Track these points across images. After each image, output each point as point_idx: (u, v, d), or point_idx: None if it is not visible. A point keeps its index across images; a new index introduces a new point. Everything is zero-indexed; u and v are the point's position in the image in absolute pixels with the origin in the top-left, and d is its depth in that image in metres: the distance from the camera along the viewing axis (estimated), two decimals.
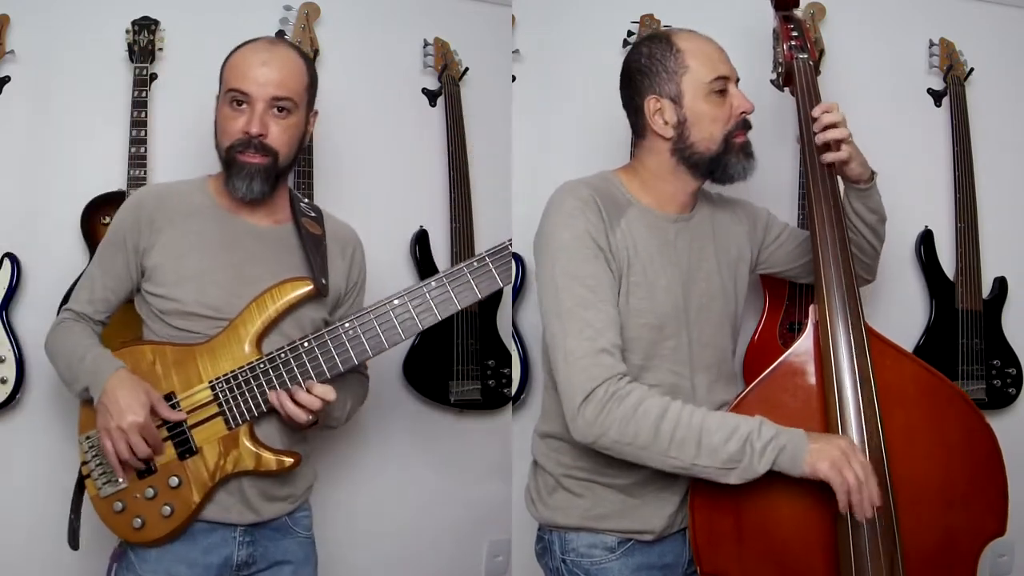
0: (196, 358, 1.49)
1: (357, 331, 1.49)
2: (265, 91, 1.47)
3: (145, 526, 1.47)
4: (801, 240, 1.71)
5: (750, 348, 2.11)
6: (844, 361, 1.38)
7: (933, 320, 2.23)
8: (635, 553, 1.47)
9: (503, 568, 2.43)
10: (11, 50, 1.95)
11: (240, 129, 1.48)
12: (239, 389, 1.48)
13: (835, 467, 1.27)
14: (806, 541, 1.37)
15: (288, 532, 1.61)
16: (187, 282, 1.49)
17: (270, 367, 1.48)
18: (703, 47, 1.48)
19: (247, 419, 1.48)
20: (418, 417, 2.32)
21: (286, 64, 1.51)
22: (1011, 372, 2.25)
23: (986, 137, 2.31)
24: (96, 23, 2.02)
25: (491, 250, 1.52)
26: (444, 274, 1.50)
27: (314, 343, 1.48)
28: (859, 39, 2.24)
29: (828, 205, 1.48)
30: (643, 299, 1.44)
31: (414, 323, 1.49)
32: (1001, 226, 2.32)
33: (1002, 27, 2.36)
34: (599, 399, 1.33)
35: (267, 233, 1.57)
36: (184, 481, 1.47)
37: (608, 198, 1.46)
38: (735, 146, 1.48)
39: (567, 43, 2.16)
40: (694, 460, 1.31)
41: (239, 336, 1.49)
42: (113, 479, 1.48)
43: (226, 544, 1.53)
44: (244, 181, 1.49)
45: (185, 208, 1.54)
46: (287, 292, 1.51)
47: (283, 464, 1.50)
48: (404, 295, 1.49)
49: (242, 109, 1.48)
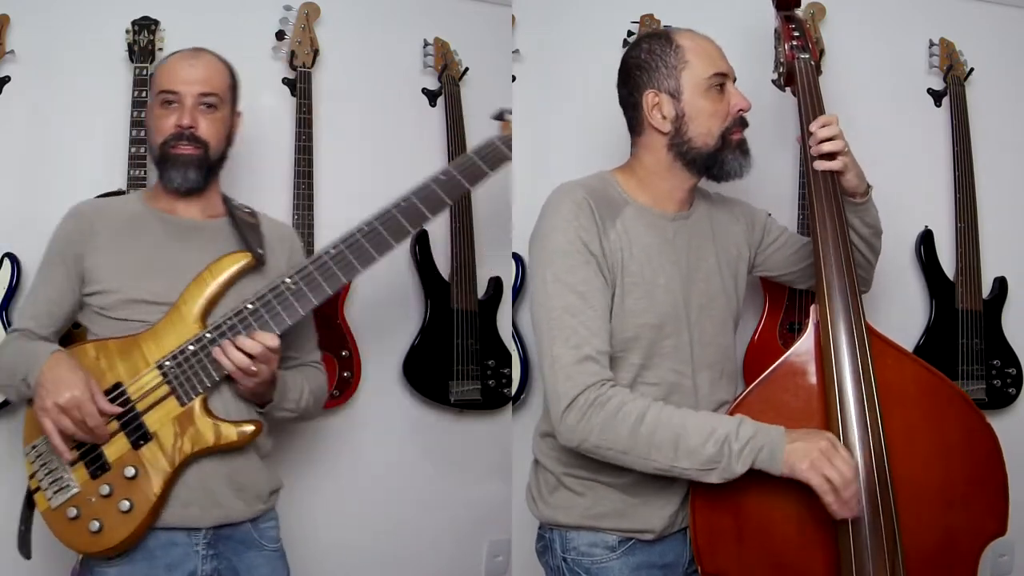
0: (140, 345, 1.47)
1: (299, 284, 1.51)
2: (193, 88, 1.55)
3: (103, 529, 1.41)
4: (799, 246, 1.71)
5: (750, 348, 2.11)
6: (845, 361, 1.38)
7: (933, 320, 2.23)
8: (636, 552, 1.47)
9: (503, 568, 2.43)
10: (11, 50, 1.95)
11: (172, 125, 1.55)
12: (187, 363, 1.46)
13: (814, 468, 1.27)
14: (807, 541, 1.37)
15: (253, 544, 1.57)
16: (125, 271, 1.52)
17: (217, 335, 1.47)
18: (702, 44, 1.49)
19: (199, 391, 1.46)
20: (418, 417, 2.32)
21: (210, 64, 1.60)
22: (1011, 372, 2.25)
23: (986, 137, 2.31)
24: (96, 23, 2.02)
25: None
26: (371, 220, 1.59)
27: (258, 303, 1.49)
28: (859, 39, 2.24)
29: (829, 205, 1.47)
30: (641, 299, 1.44)
31: (352, 267, 1.54)
32: (1001, 226, 2.32)
33: (1002, 27, 2.37)
34: (580, 406, 1.34)
35: (203, 226, 1.61)
36: (141, 471, 1.43)
37: (603, 199, 1.46)
38: (732, 143, 1.49)
39: (567, 43, 2.16)
40: (673, 463, 1.32)
41: (182, 315, 1.49)
42: (64, 486, 1.43)
43: (189, 558, 1.49)
44: (179, 171, 1.55)
45: (122, 215, 1.59)
46: (226, 266, 1.53)
47: (244, 433, 1.48)
48: (340, 243, 1.55)
49: (172, 108, 1.55)
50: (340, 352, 2.15)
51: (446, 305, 2.27)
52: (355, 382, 2.17)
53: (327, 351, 2.13)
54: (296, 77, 2.14)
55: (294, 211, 2.11)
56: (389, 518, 2.32)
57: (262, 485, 1.59)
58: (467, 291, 2.28)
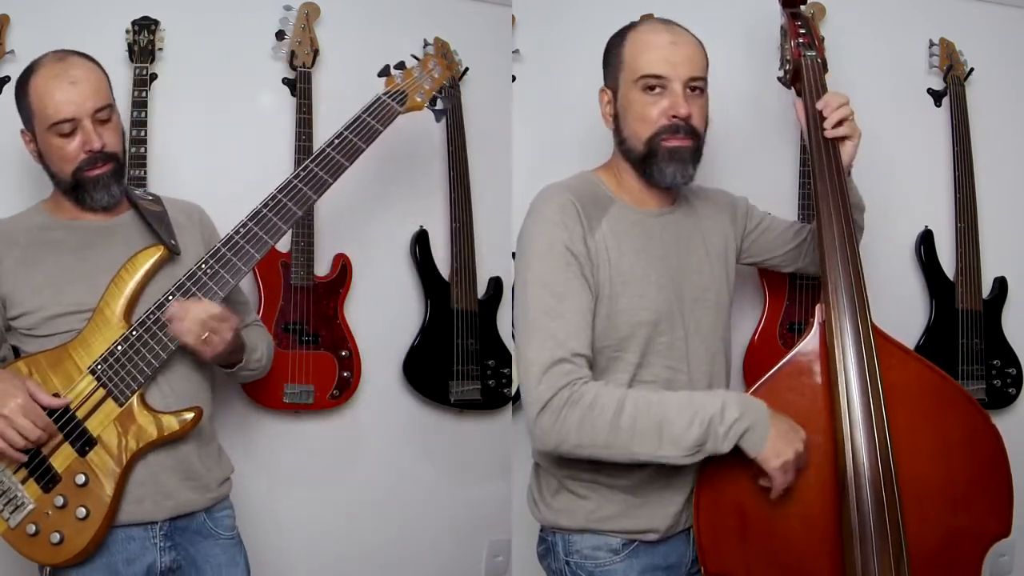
0: (71, 353, 1.48)
1: (215, 267, 1.52)
2: (85, 108, 1.50)
3: (64, 540, 1.43)
4: (783, 228, 1.71)
5: (750, 348, 2.11)
6: (851, 360, 1.38)
7: (933, 320, 2.23)
8: (639, 554, 1.47)
9: (503, 568, 2.43)
10: (11, 50, 1.95)
11: (78, 150, 1.51)
12: (118, 363, 1.47)
13: (783, 468, 1.30)
14: (811, 541, 1.37)
15: (209, 534, 1.60)
16: (44, 289, 1.50)
17: (143, 331, 1.48)
18: (648, 41, 1.45)
19: (134, 389, 1.47)
20: (418, 417, 2.32)
21: (89, 74, 1.53)
22: (1011, 372, 2.25)
23: (986, 137, 2.31)
24: (96, 23, 2.01)
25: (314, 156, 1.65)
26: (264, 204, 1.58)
27: (177, 294, 1.50)
28: (859, 39, 2.24)
29: (836, 204, 1.47)
30: (634, 296, 1.44)
31: (263, 241, 1.54)
32: (1001, 226, 2.32)
33: (1002, 27, 2.37)
34: (554, 407, 1.33)
35: (112, 226, 1.59)
36: (91, 477, 1.45)
37: (590, 199, 1.46)
38: (662, 150, 1.44)
39: (567, 43, 2.16)
40: (658, 451, 1.32)
41: (106, 318, 1.49)
42: (20, 504, 1.44)
43: (147, 551, 1.52)
44: (102, 192, 1.54)
45: (23, 231, 1.56)
46: (141, 262, 1.53)
47: (185, 421, 1.50)
48: (247, 219, 1.56)
49: (71, 135, 1.50)
50: (340, 352, 2.15)
51: (446, 305, 2.27)
52: (355, 382, 2.17)
53: (327, 351, 2.13)
54: (296, 77, 2.14)
55: None
56: (389, 518, 2.32)
57: (212, 472, 1.61)
58: (467, 291, 2.28)
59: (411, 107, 1.81)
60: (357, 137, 1.68)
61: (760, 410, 1.32)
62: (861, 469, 1.33)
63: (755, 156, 2.14)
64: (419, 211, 2.30)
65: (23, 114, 1.55)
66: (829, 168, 1.50)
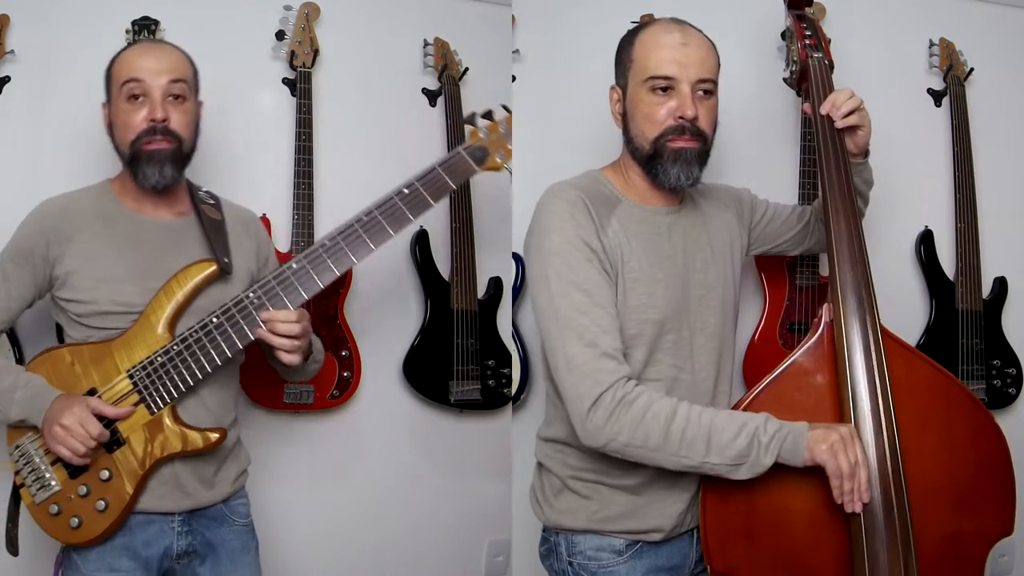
0: (112, 352, 1.51)
1: (262, 299, 1.52)
2: (160, 78, 1.52)
3: (82, 525, 1.49)
4: (787, 214, 1.73)
5: (750, 348, 2.11)
6: (859, 360, 1.38)
7: (933, 320, 2.23)
8: (643, 555, 1.47)
9: (503, 568, 2.43)
10: (11, 50, 1.95)
11: (142, 119, 1.52)
12: (156, 373, 1.50)
13: (831, 450, 1.28)
14: (818, 540, 1.37)
15: (225, 520, 1.64)
16: (101, 284, 1.52)
17: (183, 347, 1.50)
18: (658, 41, 1.45)
19: (167, 401, 1.50)
20: (418, 417, 2.32)
21: (172, 53, 1.59)
22: (1011, 372, 2.25)
23: (986, 137, 2.31)
24: (96, 23, 2.01)
25: (379, 202, 1.60)
26: (337, 232, 1.57)
27: (222, 317, 1.51)
28: (859, 39, 2.24)
29: (843, 203, 1.47)
30: (643, 295, 1.44)
31: (314, 283, 1.54)
32: (1001, 226, 2.32)
33: (1002, 27, 2.37)
34: (607, 405, 1.33)
35: (171, 226, 1.61)
36: (114, 473, 1.49)
37: (598, 197, 1.46)
38: (667, 151, 1.44)
39: (567, 43, 2.16)
40: (704, 458, 1.32)
41: (151, 324, 1.51)
42: (46, 484, 1.50)
43: (165, 535, 1.56)
44: (155, 168, 1.53)
45: (91, 212, 1.57)
46: (192, 275, 1.54)
47: (208, 440, 1.53)
48: (302, 258, 1.55)
49: (139, 102, 1.53)
50: (340, 352, 2.15)
51: (446, 305, 2.27)
52: (355, 382, 2.17)
53: (327, 351, 2.13)
54: (296, 77, 2.14)
55: (294, 211, 2.11)
56: (389, 518, 2.32)
57: (230, 471, 1.64)
58: (467, 291, 2.28)
59: (490, 167, 1.71)
60: (428, 190, 1.62)
61: (800, 424, 1.32)
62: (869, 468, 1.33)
63: (756, 156, 2.13)
64: None
65: (107, 84, 1.58)
66: (837, 169, 1.50)
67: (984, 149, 2.30)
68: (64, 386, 1.50)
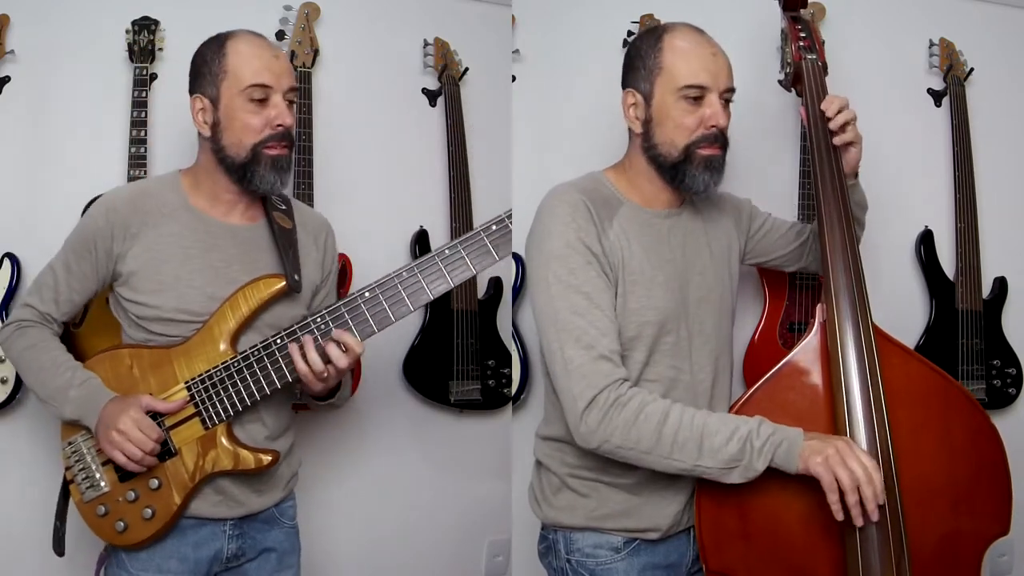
0: (172, 360, 1.49)
1: (329, 325, 1.48)
2: (284, 81, 1.49)
3: (128, 529, 1.48)
4: (786, 229, 1.73)
5: (750, 348, 2.11)
6: (852, 361, 1.38)
7: (933, 320, 2.23)
8: (640, 553, 1.47)
9: (503, 568, 2.43)
10: (11, 50, 1.95)
11: (265, 125, 1.48)
12: (214, 389, 1.48)
13: (826, 464, 1.26)
14: (813, 540, 1.37)
15: (275, 523, 1.63)
16: (166, 289, 1.49)
17: (243, 365, 1.47)
18: (689, 50, 1.45)
19: (223, 419, 1.48)
20: (418, 417, 2.32)
21: (282, 53, 1.56)
22: (1011, 372, 2.25)
23: (986, 137, 2.31)
24: (96, 23, 2.02)
25: (465, 238, 1.51)
26: (416, 262, 1.49)
27: (287, 339, 1.48)
28: (859, 39, 2.24)
29: (836, 205, 1.47)
30: (642, 297, 1.44)
31: (386, 316, 1.48)
32: (1001, 226, 2.32)
33: (1002, 27, 2.37)
34: (601, 406, 1.34)
35: (241, 232, 1.56)
36: (164, 483, 1.48)
37: (599, 199, 1.46)
38: (696, 157, 1.45)
39: (567, 43, 2.16)
40: (696, 462, 1.32)
41: (213, 336, 1.49)
42: (95, 484, 1.49)
43: (216, 538, 1.54)
44: (276, 174, 1.49)
45: (159, 210, 1.52)
46: (260, 290, 1.51)
47: (261, 462, 1.50)
48: (375, 286, 1.48)
49: (263, 103, 1.48)
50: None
51: (446, 305, 2.27)
52: (355, 382, 2.17)
53: None
54: (296, 77, 2.14)
55: None
56: (389, 518, 2.32)
57: (282, 478, 1.63)
58: (467, 291, 2.28)
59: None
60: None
61: (796, 430, 1.31)
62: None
63: (755, 157, 2.13)
64: (419, 211, 2.30)
65: (205, 77, 1.51)
66: (830, 169, 1.51)
67: (984, 149, 2.30)
68: (121, 388, 1.48)
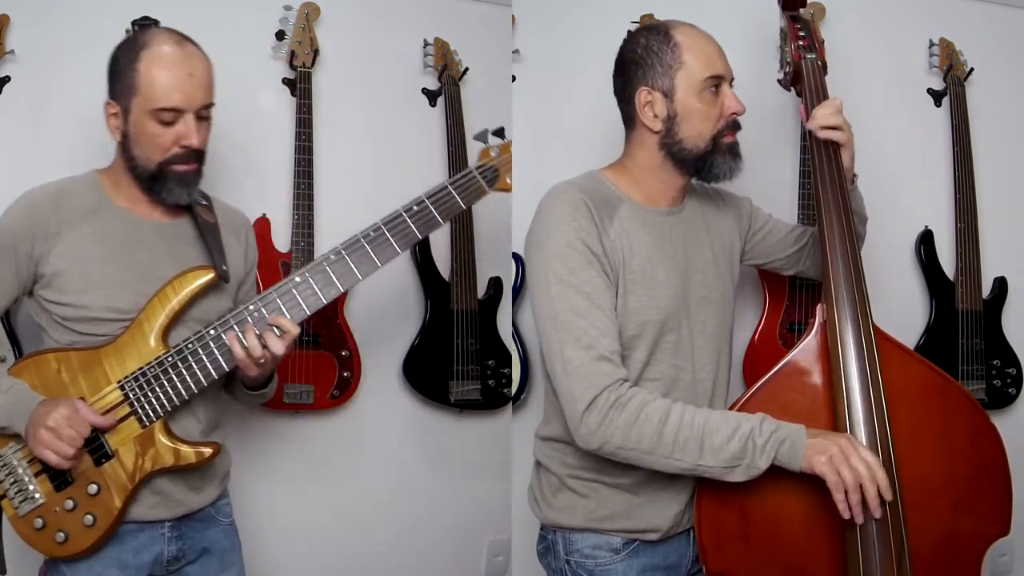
0: (102, 360, 1.45)
1: (262, 312, 1.48)
2: (195, 102, 1.47)
3: (68, 539, 1.44)
4: (786, 232, 1.73)
5: (750, 348, 2.11)
6: (852, 361, 1.38)
7: (933, 320, 2.23)
8: (640, 554, 1.47)
9: (503, 568, 2.43)
10: (11, 50, 1.95)
11: (174, 143, 1.46)
12: (149, 386, 1.45)
13: (831, 463, 1.27)
14: (813, 541, 1.37)
15: (213, 522, 1.62)
16: (93, 288, 1.46)
17: (178, 359, 1.45)
18: (701, 44, 1.47)
19: (160, 415, 1.46)
20: (418, 417, 2.32)
21: (203, 67, 1.51)
22: (1011, 372, 2.25)
23: (986, 137, 2.31)
24: (96, 23, 2.01)
25: (387, 218, 1.56)
26: (343, 246, 1.53)
27: (220, 330, 1.47)
28: (859, 39, 2.24)
29: (836, 205, 1.48)
30: (643, 296, 1.44)
31: (317, 298, 1.50)
32: (1001, 226, 2.32)
33: (1002, 27, 2.37)
34: (601, 407, 1.34)
35: (166, 228, 1.55)
36: (103, 487, 1.44)
37: (599, 198, 1.46)
38: (723, 146, 1.48)
39: (567, 43, 2.16)
40: (698, 461, 1.32)
41: (144, 332, 1.46)
42: (29, 496, 1.44)
43: (155, 541, 1.52)
44: (183, 189, 1.50)
45: (81, 208, 1.49)
46: (188, 282, 1.49)
47: (202, 455, 1.49)
48: (305, 271, 1.50)
49: (171, 124, 1.46)
50: (340, 352, 2.15)
51: (446, 305, 2.27)
52: (355, 382, 2.17)
53: (327, 351, 2.13)
54: (296, 77, 2.14)
55: (294, 211, 2.11)
56: (389, 518, 2.32)
57: (217, 475, 1.63)
58: (467, 291, 2.28)
59: (501, 187, 1.68)
60: (437, 209, 1.58)
61: (796, 427, 1.31)
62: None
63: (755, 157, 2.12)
64: None
65: (118, 85, 1.48)
66: (829, 169, 1.51)
67: (984, 149, 2.30)
68: (49, 394, 1.44)
